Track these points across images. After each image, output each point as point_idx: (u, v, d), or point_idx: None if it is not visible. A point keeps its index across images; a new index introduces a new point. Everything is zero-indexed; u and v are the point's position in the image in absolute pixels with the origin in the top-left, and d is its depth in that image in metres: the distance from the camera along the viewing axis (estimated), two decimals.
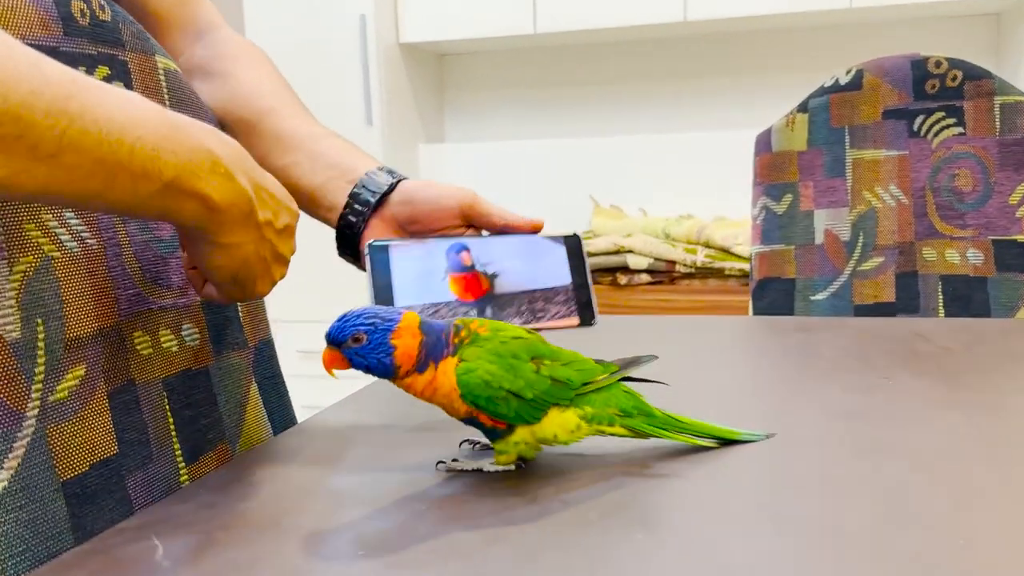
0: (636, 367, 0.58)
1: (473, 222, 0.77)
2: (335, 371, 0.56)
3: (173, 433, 0.67)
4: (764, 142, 1.37)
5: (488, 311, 0.70)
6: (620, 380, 0.58)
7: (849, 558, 0.43)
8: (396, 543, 0.47)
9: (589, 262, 0.80)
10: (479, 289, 0.71)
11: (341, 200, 0.77)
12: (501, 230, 0.76)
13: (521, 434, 0.55)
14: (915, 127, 1.30)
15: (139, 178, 0.49)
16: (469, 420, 0.56)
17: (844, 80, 1.33)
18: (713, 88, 2.99)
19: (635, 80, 3.06)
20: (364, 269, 0.78)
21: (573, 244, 0.75)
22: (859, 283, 1.32)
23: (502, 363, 0.54)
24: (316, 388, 1.61)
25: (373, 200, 0.76)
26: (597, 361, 0.58)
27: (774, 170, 1.36)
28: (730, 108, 2.97)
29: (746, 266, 2.37)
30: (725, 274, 2.42)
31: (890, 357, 0.88)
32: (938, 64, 1.29)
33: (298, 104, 0.84)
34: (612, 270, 2.52)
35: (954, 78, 1.28)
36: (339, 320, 0.54)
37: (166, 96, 0.72)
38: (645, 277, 2.50)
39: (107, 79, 0.65)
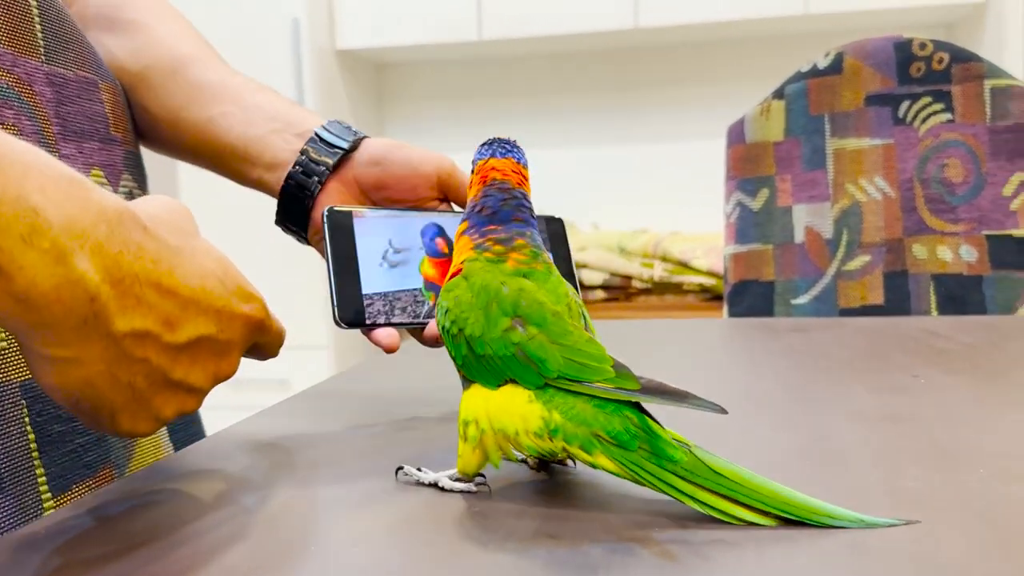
0: (667, 399, 0.38)
1: (449, 194, 0.64)
2: None
3: (35, 454, 0.51)
4: (737, 132, 1.25)
5: None
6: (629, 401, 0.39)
7: None
8: None
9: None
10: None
11: (287, 156, 0.62)
12: None
13: (474, 409, 0.41)
14: (900, 113, 1.19)
15: None
16: None
17: (823, 64, 1.22)
18: (666, 99, 2.90)
19: (585, 91, 2.96)
20: (306, 242, 0.65)
21: (556, 229, 0.66)
22: (844, 284, 1.20)
23: (480, 300, 0.42)
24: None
25: (333, 159, 0.62)
26: (617, 367, 0.39)
27: (748, 163, 1.24)
28: (684, 119, 2.88)
29: (706, 280, 2.26)
30: (683, 289, 2.31)
31: (910, 355, 0.76)
32: (923, 46, 1.19)
33: (223, 59, 0.70)
34: None
35: (940, 60, 1.18)
36: None
37: (38, 28, 0.57)
38: (600, 293, 2.37)
39: None
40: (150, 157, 0.73)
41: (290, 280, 2.43)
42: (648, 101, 2.92)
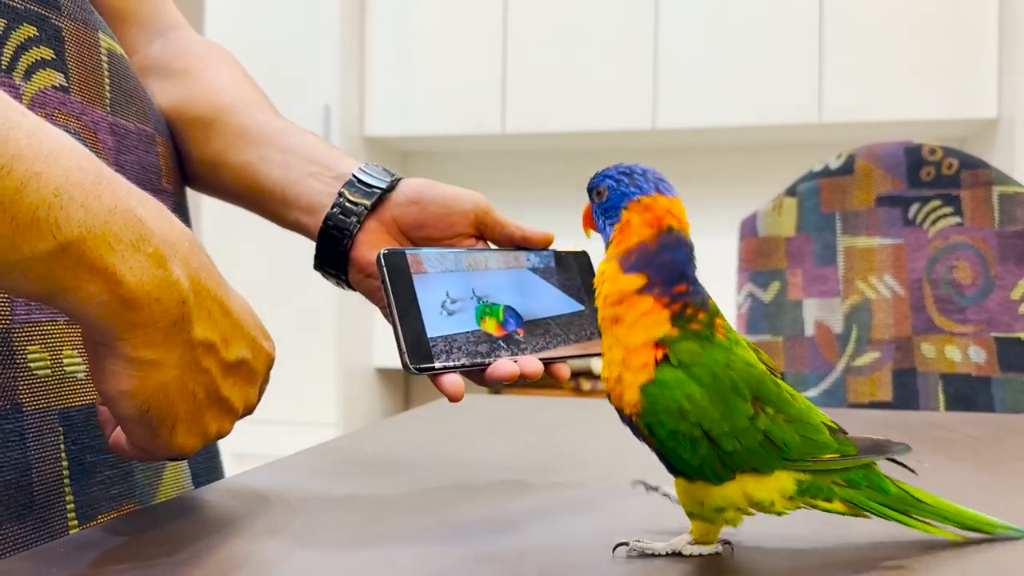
0: (884, 455, 0.44)
1: (485, 232, 0.65)
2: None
3: (66, 481, 0.53)
4: (749, 226, 1.29)
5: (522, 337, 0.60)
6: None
7: None
8: None
9: None
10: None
11: (324, 199, 0.64)
12: (517, 244, 0.65)
13: (730, 497, 0.41)
14: (910, 215, 1.23)
15: (24, 227, 0.35)
16: (629, 423, 0.43)
17: (835, 165, 1.27)
18: (681, 198, 2.97)
19: None
20: (346, 287, 0.66)
21: (584, 263, 0.69)
22: (853, 380, 1.22)
23: (715, 391, 0.40)
24: None
25: (371, 199, 0.63)
26: (833, 433, 0.43)
27: (760, 256, 1.28)
28: (697, 218, 2.93)
29: None
30: None
31: (913, 443, 0.77)
32: (932, 151, 1.24)
33: (268, 104, 0.73)
34: (575, 375, 2.41)
35: (950, 166, 1.22)
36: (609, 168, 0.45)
37: (106, 81, 0.61)
38: None
39: (31, 42, 0.54)
40: None
41: (301, 353, 2.46)
42: None
